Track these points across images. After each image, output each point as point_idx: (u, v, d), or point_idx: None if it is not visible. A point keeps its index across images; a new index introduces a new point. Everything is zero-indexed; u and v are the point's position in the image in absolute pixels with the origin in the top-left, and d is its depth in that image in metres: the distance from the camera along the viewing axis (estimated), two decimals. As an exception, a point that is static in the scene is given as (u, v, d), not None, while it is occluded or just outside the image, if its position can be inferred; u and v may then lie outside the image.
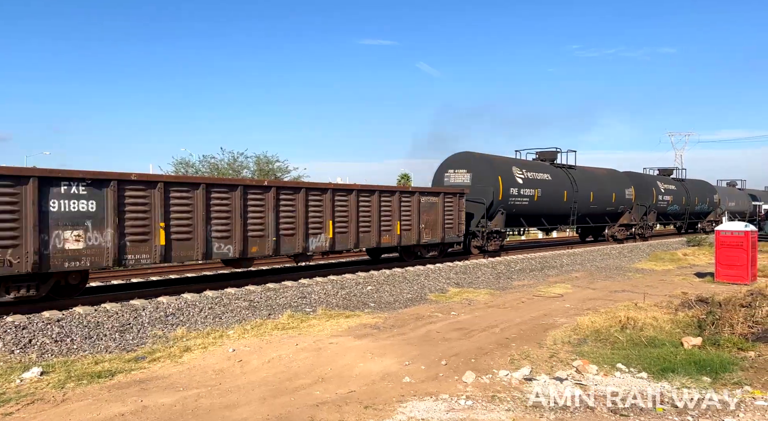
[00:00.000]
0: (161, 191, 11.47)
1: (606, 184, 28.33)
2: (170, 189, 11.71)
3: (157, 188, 11.44)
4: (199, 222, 12.17)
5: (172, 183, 11.89)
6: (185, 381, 7.67)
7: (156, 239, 11.48)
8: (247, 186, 13.30)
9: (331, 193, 15.01)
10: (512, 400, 6.83)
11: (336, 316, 11.87)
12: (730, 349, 8.66)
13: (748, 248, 17.07)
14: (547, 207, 23.87)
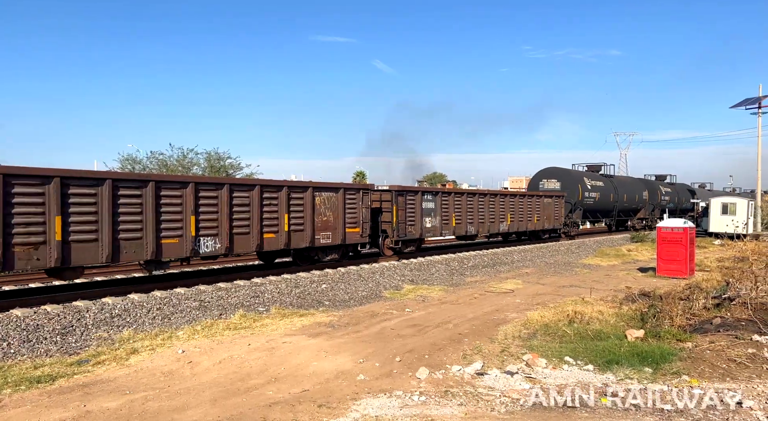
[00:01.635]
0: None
1: (632, 188, 38.70)
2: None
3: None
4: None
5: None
6: (132, 384, 7.42)
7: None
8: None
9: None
10: (464, 395, 6.93)
11: (290, 315, 11.75)
12: (670, 340, 9.06)
13: (687, 244, 17.92)
14: (601, 205, 34.46)
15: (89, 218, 10.96)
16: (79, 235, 10.83)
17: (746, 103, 35.59)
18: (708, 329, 9.57)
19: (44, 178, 10.34)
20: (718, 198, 36.40)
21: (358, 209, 17.01)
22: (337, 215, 16.28)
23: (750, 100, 35.41)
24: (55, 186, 10.38)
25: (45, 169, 10.46)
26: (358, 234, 17.09)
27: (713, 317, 10.03)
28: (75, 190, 10.73)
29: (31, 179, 10.20)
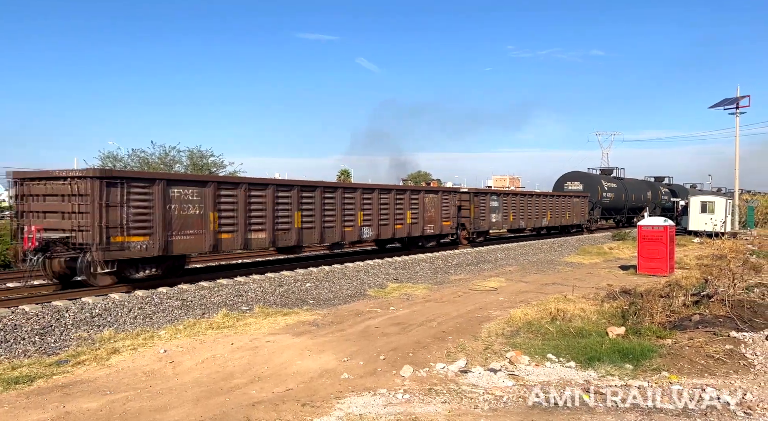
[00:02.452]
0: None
1: (638, 189, 42.93)
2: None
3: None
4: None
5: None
6: (113, 384, 7.33)
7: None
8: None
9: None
10: (448, 392, 6.96)
11: (273, 314, 11.69)
12: (650, 337, 9.19)
13: (667, 242, 18.18)
14: (615, 204, 39.25)
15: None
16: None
17: (724, 104, 36.20)
18: (687, 325, 9.72)
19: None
20: (697, 197, 37.01)
21: (450, 206, 21.56)
22: (437, 211, 20.83)
23: (728, 100, 36.02)
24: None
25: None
26: (450, 226, 21.56)
27: (692, 314, 10.19)
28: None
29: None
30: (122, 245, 11.32)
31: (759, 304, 10.46)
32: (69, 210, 11.19)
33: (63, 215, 11.32)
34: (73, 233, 11.11)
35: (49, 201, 11.62)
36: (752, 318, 9.72)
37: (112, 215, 11.08)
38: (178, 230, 12.28)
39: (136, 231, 11.56)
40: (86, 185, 10.90)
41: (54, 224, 11.38)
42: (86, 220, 10.92)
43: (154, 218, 11.82)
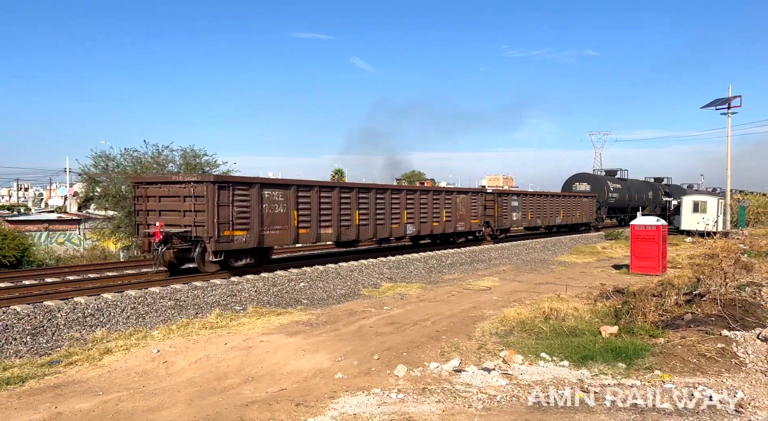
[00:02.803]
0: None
1: (640, 189, 44.58)
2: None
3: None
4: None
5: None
6: (105, 385, 7.29)
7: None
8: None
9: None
10: (442, 392, 6.97)
11: (267, 313, 11.67)
12: (642, 336, 9.23)
13: (660, 241, 18.26)
14: (619, 204, 40.61)
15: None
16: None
17: (716, 104, 36.38)
18: (679, 324, 9.77)
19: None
20: (690, 196, 37.21)
21: (478, 206, 23.61)
22: (467, 210, 22.79)
23: (720, 100, 36.21)
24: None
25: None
26: (477, 224, 23.62)
27: (684, 313, 10.24)
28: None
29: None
30: (229, 238, 13.26)
31: (750, 303, 10.53)
32: (187, 209, 13.12)
33: (181, 213, 13.25)
34: (189, 228, 13.03)
35: (166, 202, 13.58)
36: (744, 317, 9.78)
37: (222, 213, 13.00)
38: (268, 225, 14.23)
39: (239, 226, 13.47)
40: (203, 189, 12.82)
41: (171, 221, 13.30)
42: (203, 217, 12.86)
43: (252, 216, 13.74)
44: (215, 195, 12.82)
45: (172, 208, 13.44)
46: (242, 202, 13.48)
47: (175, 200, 13.36)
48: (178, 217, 13.27)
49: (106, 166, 21.03)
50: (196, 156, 21.72)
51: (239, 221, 13.40)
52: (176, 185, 13.40)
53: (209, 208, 12.77)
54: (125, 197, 20.34)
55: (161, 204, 13.62)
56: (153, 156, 21.22)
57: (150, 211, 13.77)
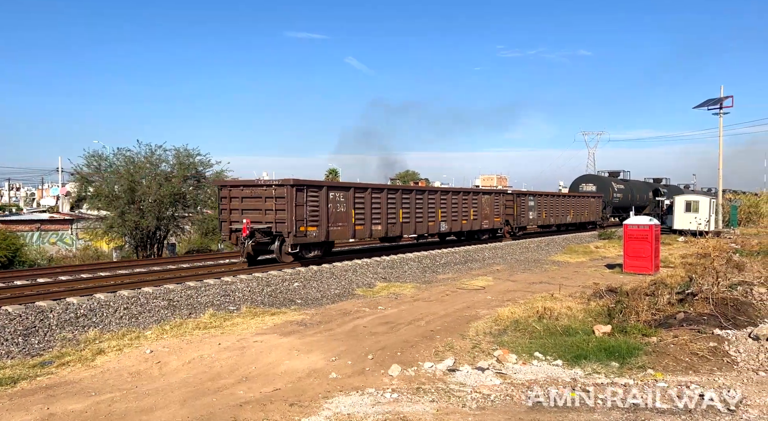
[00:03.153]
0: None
1: (641, 190, 46.18)
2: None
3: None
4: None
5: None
6: (98, 385, 7.25)
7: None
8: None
9: None
10: (436, 391, 6.97)
11: (261, 313, 11.64)
12: (635, 335, 9.27)
13: (653, 241, 18.34)
14: (623, 204, 42.25)
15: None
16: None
17: (708, 104, 36.58)
18: (672, 323, 9.83)
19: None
20: (682, 196, 37.40)
21: (500, 205, 25.94)
22: (491, 210, 25.23)
23: (712, 101, 36.41)
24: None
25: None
26: (499, 222, 26.02)
27: (677, 312, 10.30)
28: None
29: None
30: (303, 234, 15.41)
31: (742, 302, 10.60)
32: (269, 207, 15.35)
33: (262, 211, 15.50)
34: (270, 224, 15.22)
35: (248, 202, 15.84)
36: (735, 316, 9.84)
37: (299, 211, 15.17)
38: (332, 222, 16.44)
39: (311, 223, 15.67)
40: (284, 191, 15.06)
41: (253, 218, 15.50)
42: (283, 215, 15.11)
43: (321, 214, 15.95)
44: (294, 196, 15.05)
45: (254, 207, 15.70)
46: (314, 202, 15.76)
47: (258, 200, 15.66)
48: (260, 215, 15.51)
49: (98, 165, 20.92)
50: (190, 156, 21.65)
51: (311, 218, 15.70)
52: (259, 188, 15.90)
53: (289, 207, 15.05)
54: (118, 197, 20.24)
55: (243, 204, 15.93)
56: (146, 156, 21.12)
57: (233, 210, 16.08)
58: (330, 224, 16.31)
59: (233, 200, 16.16)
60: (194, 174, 21.76)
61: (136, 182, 20.37)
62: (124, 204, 20.00)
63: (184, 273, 15.06)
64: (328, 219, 16.18)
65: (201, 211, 23.60)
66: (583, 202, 35.63)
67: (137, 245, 21.16)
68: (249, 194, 15.94)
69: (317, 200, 15.85)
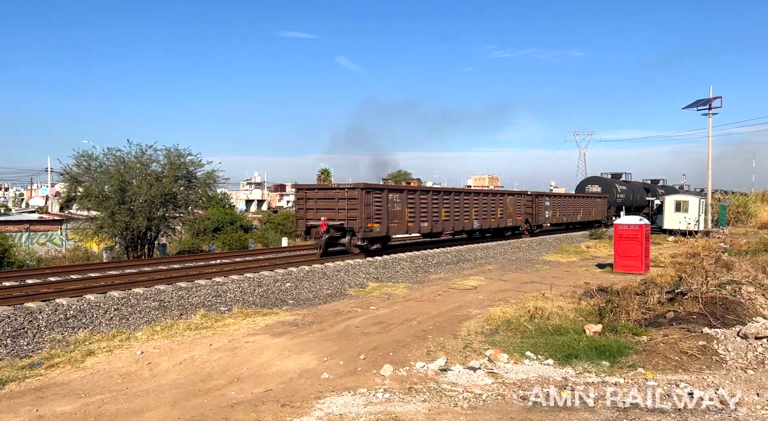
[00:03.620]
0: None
1: (640, 190, 48.22)
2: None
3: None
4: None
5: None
6: (88, 387, 7.20)
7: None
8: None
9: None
10: (428, 391, 6.98)
11: (253, 314, 11.61)
12: (626, 334, 9.33)
13: (643, 240, 18.47)
14: (625, 204, 44.05)
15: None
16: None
17: (698, 105, 36.88)
18: (662, 322, 9.89)
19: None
20: (672, 196, 37.68)
21: (521, 205, 28.87)
22: (514, 209, 27.99)
23: (701, 101, 36.71)
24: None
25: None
26: (521, 220, 28.89)
27: (667, 311, 10.37)
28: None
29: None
30: (370, 229, 18.11)
31: (731, 301, 10.69)
32: (341, 207, 18.04)
33: (335, 210, 18.13)
34: (343, 221, 17.94)
35: (322, 202, 18.53)
36: (724, 315, 9.93)
37: (367, 210, 17.85)
38: (390, 220, 19.17)
39: (376, 220, 18.38)
40: (356, 193, 17.80)
41: (328, 216, 18.08)
42: (354, 213, 17.82)
43: (383, 213, 18.68)
44: (363, 198, 17.73)
45: (328, 207, 18.35)
46: (378, 203, 18.46)
47: (331, 201, 18.31)
48: (333, 213, 18.14)
49: (88, 165, 20.73)
50: (181, 156, 21.51)
51: (376, 216, 18.36)
52: (332, 191, 18.58)
53: (359, 207, 17.74)
54: (108, 197, 20.09)
55: (318, 204, 18.65)
56: (137, 156, 20.98)
57: (309, 209, 18.82)
58: (389, 222, 19.06)
59: (309, 201, 18.87)
60: (185, 174, 21.61)
61: (127, 182, 20.22)
62: (115, 204, 19.85)
63: (175, 274, 14.98)
64: (387, 217, 18.93)
65: (192, 211, 23.46)
66: (590, 203, 38.08)
67: (128, 245, 21.01)
68: (323, 196, 18.65)
69: (380, 201, 18.63)
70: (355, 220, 17.81)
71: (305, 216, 18.84)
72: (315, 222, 18.27)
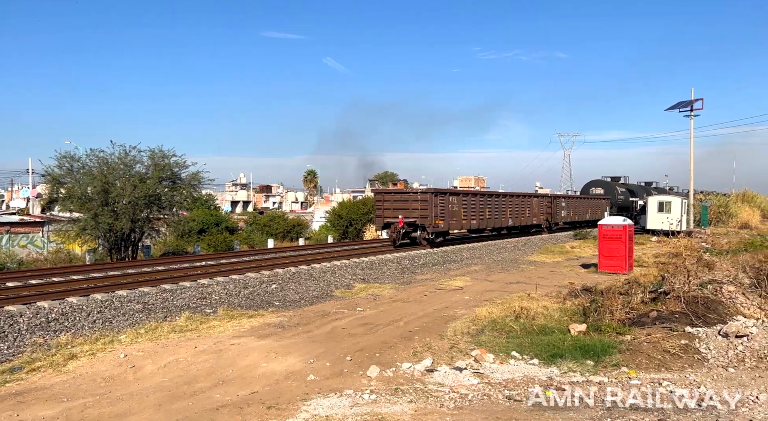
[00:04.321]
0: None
1: (638, 192, 49.07)
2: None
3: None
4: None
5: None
6: (70, 391, 7.10)
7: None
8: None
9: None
10: (414, 392, 6.99)
11: (238, 316, 11.54)
12: (610, 334, 9.43)
13: (626, 241, 18.67)
14: (624, 204, 45.88)
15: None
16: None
17: (680, 106, 37.35)
18: (645, 321, 10.01)
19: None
20: (655, 197, 38.14)
21: (543, 205, 33.42)
22: (539, 209, 32.53)
23: (683, 103, 37.18)
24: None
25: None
26: (543, 219, 33.02)
27: (650, 311, 10.50)
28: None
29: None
30: (436, 225, 22.33)
31: (712, 300, 10.85)
32: (414, 207, 22.27)
33: (408, 210, 22.33)
34: (415, 219, 22.16)
35: (398, 204, 22.78)
36: (706, 314, 10.07)
37: (434, 210, 22.12)
38: (450, 218, 23.29)
39: (440, 218, 22.54)
40: (426, 196, 22.23)
41: (404, 214, 22.27)
42: (425, 212, 22.04)
43: (445, 212, 22.83)
44: (432, 200, 22.15)
45: (402, 207, 22.61)
46: (442, 204, 22.73)
47: (405, 203, 22.71)
48: (407, 212, 22.37)
49: (70, 166, 20.44)
50: (165, 157, 21.29)
51: (440, 215, 22.57)
52: (406, 194, 23.59)
53: (429, 207, 22.03)
54: (91, 199, 19.84)
55: (394, 204, 22.92)
56: (120, 157, 20.73)
57: (386, 209, 23.06)
58: (449, 219, 23.19)
59: (386, 202, 23.31)
60: (169, 175, 21.39)
61: (110, 184, 19.95)
62: (98, 206, 19.60)
63: (159, 275, 14.84)
64: (448, 216, 23.07)
65: (176, 213, 23.24)
66: (595, 203, 42.17)
67: (111, 247, 20.75)
68: (399, 199, 23.16)
69: (444, 203, 22.87)
70: (426, 218, 22.08)
71: (383, 215, 23.22)
72: (392, 219, 22.57)
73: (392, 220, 22.51)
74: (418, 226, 22.37)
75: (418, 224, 22.32)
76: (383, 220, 23.13)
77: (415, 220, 22.21)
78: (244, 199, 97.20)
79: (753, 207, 51.06)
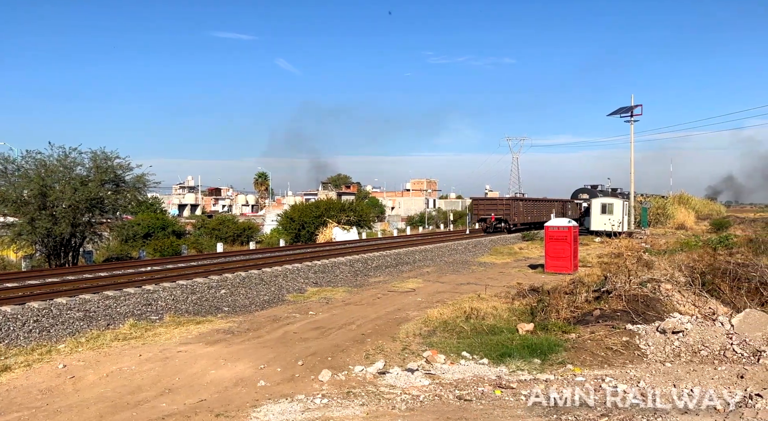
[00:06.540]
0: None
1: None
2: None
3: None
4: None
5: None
6: (3, 405, 6.73)
7: None
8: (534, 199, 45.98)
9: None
10: (366, 394, 6.99)
11: (186, 322, 11.23)
12: (556, 332, 9.71)
13: (572, 242, 19.29)
14: None
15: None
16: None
17: (621, 112, 38.98)
18: (589, 320, 10.36)
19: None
20: (598, 199, 39.61)
21: (558, 208, 44.32)
22: (555, 210, 43.82)
23: (624, 109, 38.82)
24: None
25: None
26: (553, 216, 41.48)
27: (594, 309, 10.87)
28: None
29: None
30: (515, 220, 37.64)
31: (651, 298, 11.34)
32: (500, 208, 38.08)
33: (496, 210, 37.78)
34: (501, 216, 37.16)
35: (489, 206, 38.95)
36: (645, 311, 10.51)
37: (513, 210, 37.77)
38: (518, 215, 38.09)
39: (515, 215, 37.71)
40: (508, 201, 39.60)
41: (494, 213, 37.32)
42: (507, 211, 37.54)
43: (517, 212, 37.89)
44: (511, 204, 37.85)
45: (492, 208, 37.89)
46: (516, 206, 37.11)
47: (493, 205, 38.84)
48: (496, 211, 37.02)
49: (4, 169, 19.41)
50: (108, 159, 20.48)
51: (516, 214, 36.98)
52: (495, 200, 42.93)
53: (511, 208, 37.43)
54: (27, 202, 18.88)
55: (486, 205, 38.71)
56: (59, 159, 19.81)
57: (480, 209, 38.27)
58: (519, 216, 36.86)
59: (480, 205, 39.17)
60: (113, 178, 20.59)
61: (48, 187, 19.03)
62: (35, 210, 18.66)
63: (102, 282, 14.27)
64: (517, 214, 37.07)
65: (120, 216, 22.41)
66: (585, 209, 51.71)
67: (50, 253, 19.79)
68: (490, 203, 39.56)
69: (517, 206, 37.31)
70: (508, 214, 36.78)
71: (479, 213, 38.20)
72: (485, 216, 37.39)
73: (485, 216, 37.30)
74: (503, 220, 36.73)
75: (502, 219, 36.75)
76: (478, 216, 38.00)
77: (501, 216, 36.85)
78: (192, 202, 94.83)
79: (689, 209, 53.88)
